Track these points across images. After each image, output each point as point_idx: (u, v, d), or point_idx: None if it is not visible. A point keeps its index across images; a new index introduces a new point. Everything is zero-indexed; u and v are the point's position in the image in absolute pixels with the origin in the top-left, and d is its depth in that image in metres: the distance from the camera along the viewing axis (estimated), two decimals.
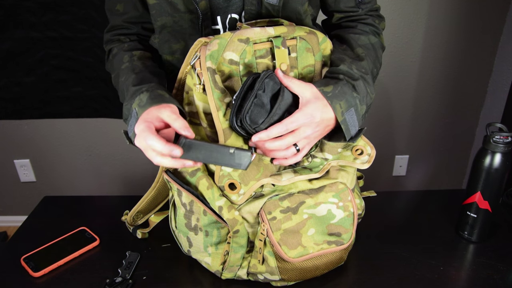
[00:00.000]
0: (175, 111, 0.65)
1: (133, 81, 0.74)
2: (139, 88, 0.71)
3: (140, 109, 0.67)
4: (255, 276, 0.77)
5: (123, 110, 0.74)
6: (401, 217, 0.97)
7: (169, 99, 0.68)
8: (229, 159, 0.64)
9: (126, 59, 0.80)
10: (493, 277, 0.79)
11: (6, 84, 1.86)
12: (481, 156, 0.82)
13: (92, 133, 2.01)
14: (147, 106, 0.66)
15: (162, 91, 0.71)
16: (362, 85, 0.72)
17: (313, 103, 0.67)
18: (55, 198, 1.06)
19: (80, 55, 1.80)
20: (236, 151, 0.63)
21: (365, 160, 0.76)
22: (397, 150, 2.12)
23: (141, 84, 0.72)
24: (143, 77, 0.74)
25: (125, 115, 0.73)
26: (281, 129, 0.65)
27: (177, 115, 0.64)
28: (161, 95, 0.69)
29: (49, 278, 0.81)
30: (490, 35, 1.84)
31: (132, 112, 0.70)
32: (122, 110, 0.74)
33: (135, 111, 0.69)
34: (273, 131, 0.65)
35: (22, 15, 1.71)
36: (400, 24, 1.80)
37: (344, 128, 0.69)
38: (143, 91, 0.70)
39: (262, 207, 0.71)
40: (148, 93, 0.69)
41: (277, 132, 0.65)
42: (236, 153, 0.63)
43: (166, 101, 0.67)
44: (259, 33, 0.70)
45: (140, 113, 0.66)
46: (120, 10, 0.83)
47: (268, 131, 0.65)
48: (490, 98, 1.97)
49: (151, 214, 0.92)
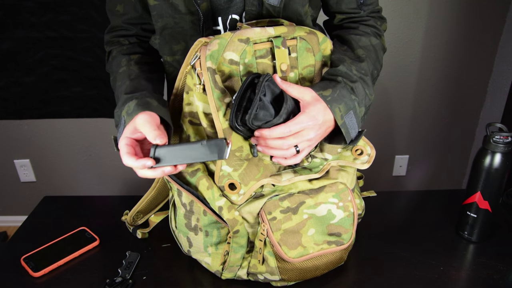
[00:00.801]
0: (150, 119, 0.65)
1: (126, 88, 0.74)
2: (130, 96, 0.72)
3: (128, 117, 0.68)
4: (255, 276, 0.77)
5: (114, 116, 0.75)
6: (401, 217, 0.97)
7: (155, 108, 0.68)
8: (204, 152, 0.62)
9: (123, 63, 0.81)
10: (493, 277, 0.79)
11: (6, 84, 1.86)
12: (481, 156, 0.82)
13: (92, 133, 2.01)
14: (133, 114, 0.67)
15: (152, 99, 0.70)
16: (361, 87, 0.72)
17: (315, 105, 0.67)
18: (55, 198, 1.07)
19: (80, 55, 1.80)
20: (208, 142, 0.62)
21: (365, 160, 0.76)
22: (397, 150, 2.12)
23: (133, 93, 0.73)
24: (137, 85, 0.75)
25: (116, 121, 0.74)
26: (284, 130, 0.64)
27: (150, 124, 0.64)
28: (148, 102, 0.69)
29: (49, 278, 0.81)
30: (490, 35, 1.84)
31: (121, 120, 0.71)
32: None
33: (123, 119, 0.70)
34: (276, 131, 0.64)
35: (22, 15, 1.71)
36: (400, 24, 1.80)
37: (344, 131, 0.69)
38: (132, 99, 0.70)
39: (262, 207, 0.71)
40: (137, 100, 0.70)
41: (280, 132, 0.64)
42: (208, 144, 0.62)
43: (151, 109, 0.67)
44: (259, 33, 0.70)
45: (128, 121, 0.67)
46: (120, 11, 0.84)
47: (271, 130, 0.65)
48: (490, 98, 1.97)
49: (151, 214, 0.92)
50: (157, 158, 0.63)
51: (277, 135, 0.65)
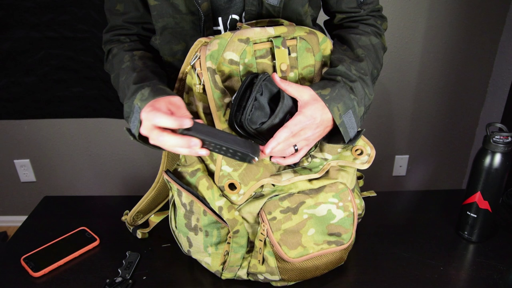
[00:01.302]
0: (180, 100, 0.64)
1: (134, 79, 0.73)
2: (141, 85, 0.70)
3: (143, 103, 0.65)
4: (255, 276, 0.77)
5: (124, 109, 0.72)
6: (401, 217, 0.97)
7: (171, 93, 0.68)
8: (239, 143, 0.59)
9: (126, 59, 0.80)
10: (493, 277, 0.79)
11: (6, 84, 1.86)
12: (481, 156, 0.82)
13: (92, 133, 2.01)
14: (149, 99, 0.65)
15: (164, 86, 0.70)
16: (360, 86, 0.72)
17: (313, 105, 0.66)
18: (55, 198, 1.06)
19: (80, 55, 1.80)
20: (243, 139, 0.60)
21: (365, 160, 0.76)
22: (397, 150, 2.12)
23: (142, 82, 0.71)
24: (145, 76, 0.74)
25: (126, 113, 0.72)
26: (287, 133, 0.63)
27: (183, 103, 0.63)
28: (163, 89, 0.68)
29: (49, 278, 0.81)
30: (490, 35, 1.84)
31: (134, 108, 0.68)
32: (123, 109, 0.73)
33: (137, 106, 0.67)
34: (281, 137, 0.63)
35: (22, 15, 1.71)
36: (400, 24, 1.80)
37: (343, 130, 0.69)
38: (144, 87, 0.69)
39: (262, 207, 0.71)
40: (150, 87, 0.68)
41: (284, 137, 0.63)
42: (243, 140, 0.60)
43: (168, 94, 0.66)
44: (259, 33, 0.70)
45: (143, 106, 0.65)
46: (121, 10, 0.83)
47: (277, 138, 0.63)
48: (490, 98, 1.97)
49: (151, 214, 0.92)
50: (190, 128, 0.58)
51: (284, 140, 0.64)
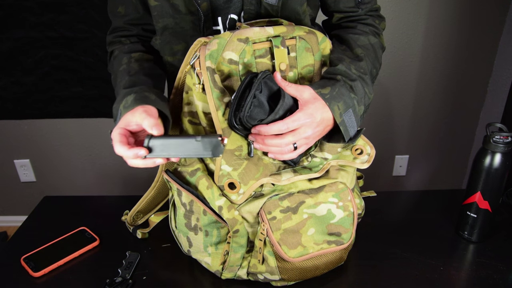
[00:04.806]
0: (148, 111, 0.66)
1: (125, 83, 0.75)
2: (129, 90, 0.72)
3: (124, 110, 0.68)
4: (255, 276, 0.77)
5: (113, 111, 0.75)
6: (401, 217, 0.97)
7: (153, 101, 0.69)
8: (198, 148, 0.61)
9: (124, 61, 0.81)
10: (493, 277, 0.79)
11: (6, 84, 1.86)
12: (481, 156, 0.82)
13: (92, 133, 2.01)
14: (130, 107, 0.67)
15: (150, 93, 0.71)
16: (360, 85, 0.72)
17: (313, 103, 0.67)
18: (55, 198, 1.07)
19: (80, 55, 1.80)
20: (203, 138, 0.61)
21: (365, 160, 0.76)
22: (397, 150, 2.12)
23: (131, 87, 0.73)
24: (136, 80, 0.75)
25: (114, 115, 0.74)
26: (282, 127, 0.65)
27: (148, 114, 0.65)
28: (146, 96, 0.69)
29: (49, 278, 0.81)
30: (490, 35, 1.84)
31: (118, 113, 0.71)
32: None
33: (119, 112, 0.70)
34: (273, 128, 0.65)
35: (22, 15, 1.71)
36: (400, 24, 1.80)
37: (343, 129, 0.69)
38: (131, 93, 0.70)
39: (262, 207, 0.71)
40: (135, 95, 0.70)
41: (277, 129, 0.65)
42: (203, 140, 0.61)
43: (148, 103, 0.68)
44: (258, 33, 0.70)
45: (123, 114, 0.68)
46: (122, 12, 0.84)
47: (269, 126, 0.65)
48: (490, 98, 1.97)
49: (151, 214, 0.92)
50: (150, 148, 0.62)
51: (275, 132, 0.65)
